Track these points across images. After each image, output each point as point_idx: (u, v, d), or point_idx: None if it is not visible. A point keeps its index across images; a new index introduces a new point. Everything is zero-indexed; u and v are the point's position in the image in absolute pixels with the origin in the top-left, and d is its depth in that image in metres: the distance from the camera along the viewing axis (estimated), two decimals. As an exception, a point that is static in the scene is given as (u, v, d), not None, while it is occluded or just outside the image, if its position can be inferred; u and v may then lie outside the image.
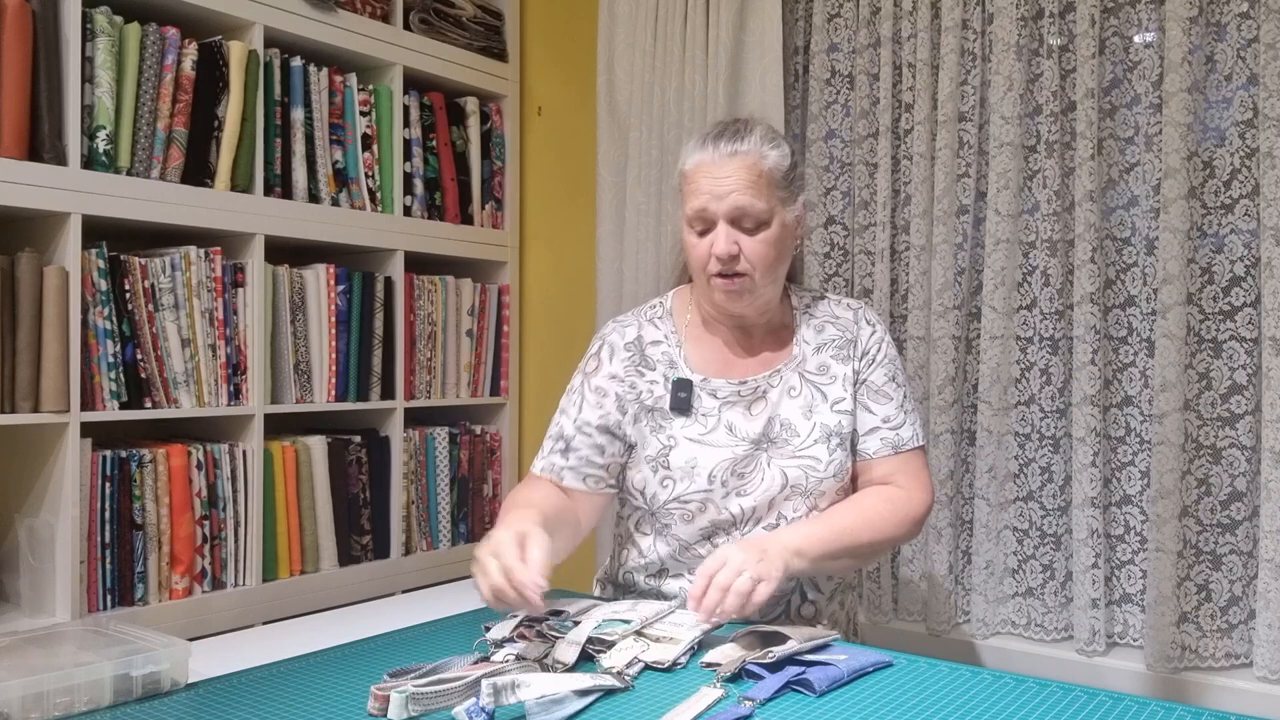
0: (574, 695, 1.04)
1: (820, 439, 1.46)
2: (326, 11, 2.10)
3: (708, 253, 1.44)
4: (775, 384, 1.50)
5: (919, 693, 1.10)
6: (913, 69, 2.01)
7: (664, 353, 1.53)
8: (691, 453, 1.46)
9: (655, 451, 1.48)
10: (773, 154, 1.45)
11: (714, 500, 1.45)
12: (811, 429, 1.47)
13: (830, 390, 1.50)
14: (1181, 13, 1.72)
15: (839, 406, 1.49)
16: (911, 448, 1.50)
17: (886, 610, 2.07)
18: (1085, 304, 1.82)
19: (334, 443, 2.14)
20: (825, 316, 1.55)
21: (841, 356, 1.52)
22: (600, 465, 1.50)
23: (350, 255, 2.24)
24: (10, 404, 1.66)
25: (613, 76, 2.28)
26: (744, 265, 1.43)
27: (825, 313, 1.56)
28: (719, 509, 1.45)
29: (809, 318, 1.55)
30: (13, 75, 1.64)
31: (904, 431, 1.50)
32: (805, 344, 1.53)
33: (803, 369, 1.51)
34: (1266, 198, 1.66)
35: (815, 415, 1.48)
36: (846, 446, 1.49)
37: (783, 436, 1.47)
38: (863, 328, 1.54)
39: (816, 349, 1.52)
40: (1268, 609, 1.65)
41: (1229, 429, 1.75)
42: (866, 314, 1.56)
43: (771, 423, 1.47)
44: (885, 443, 1.48)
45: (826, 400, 1.49)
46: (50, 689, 1.01)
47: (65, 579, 1.71)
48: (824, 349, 1.52)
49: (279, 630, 1.57)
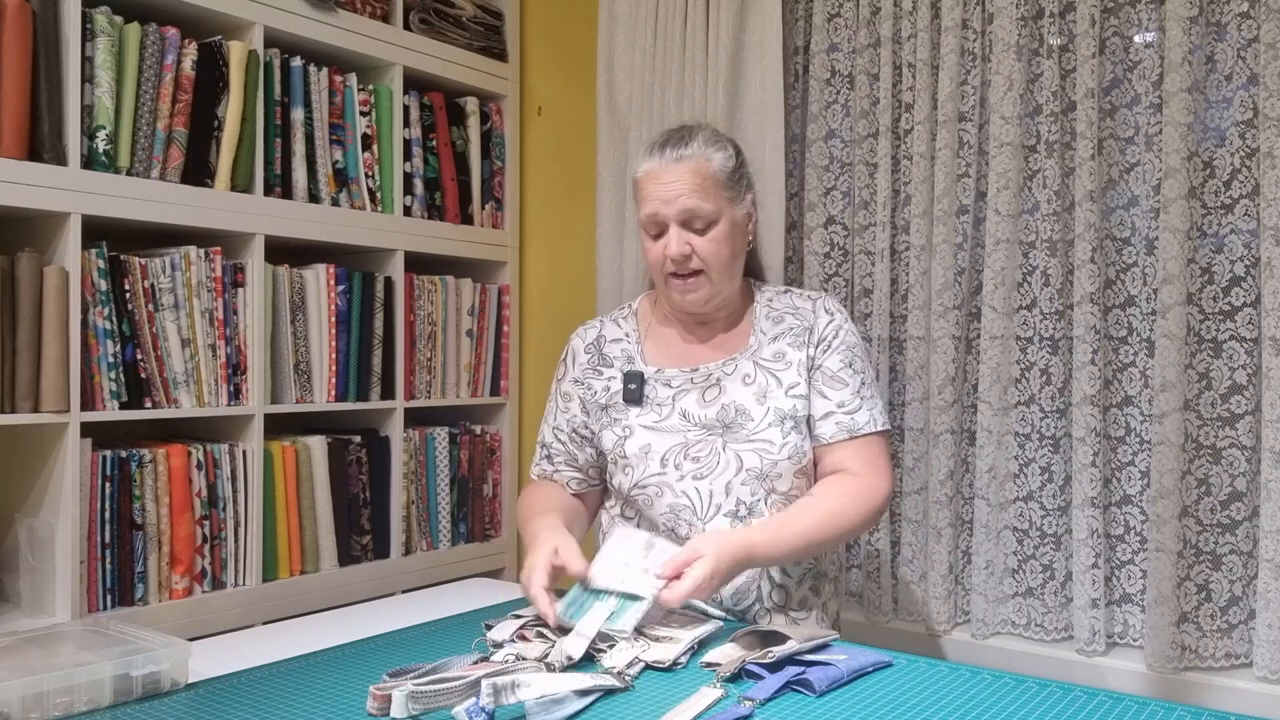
0: (574, 695, 1.04)
1: (774, 423, 1.51)
2: (326, 11, 2.10)
3: (662, 254, 1.52)
4: (729, 371, 1.56)
5: (919, 693, 1.11)
6: (913, 69, 2.01)
7: (623, 349, 1.62)
8: (645, 439, 1.53)
9: (612, 444, 1.56)
10: (717, 156, 1.53)
11: (669, 484, 1.51)
12: (765, 413, 1.52)
13: (784, 376, 1.55)
14: (1181, 13, 1.72)
15: (793, 391, 1.54)
16: (868, 433, 1.53)
17: (886, 610, 2.07)
18: (1085, 304, 1.82)
19: (334, 443, 2.14)
20: (785, 308, 1.62)
21: (797, 343, 1.57)
22: (578, 468, 1.61)
23: (350, 255, 2.24)
24: (10, 404, 1.66)
25: (613, 76, 2.28)
26: (697, 263, 1.51)
27: (786, 305, 1.62)
28: (675, 493, 1.51)
29: (769, 310, 1.62)
30: (13, 75, 1.64)
31: (859, 416, 1.53)
32: (762, 334, 1.59)
33: (757, 357, 1.57)
34: (1266, 198, 1.66)
35: (769, 400, 1.53)
36: (802, 430, 1.53)
37: (737, 422, 1.52)
38: (820, 316, 1.59)
39: (773, 338, 1.58)
40: (1268, 609, 1.65)
41: (1229, 429, 1.75)
42: (826, 303, 1.61)
43: (726, 409, 1.53)
44: (840, 427, 1.52)
45: (781, 385, 1.54)
46: (50, 689, 1.01)
47: (65, 579, 1.71)
48: (780, 338, 1.58)
49: (279, 630, 1.57)
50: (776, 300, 1.63)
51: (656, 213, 1.51)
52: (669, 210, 1.50)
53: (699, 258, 1.51)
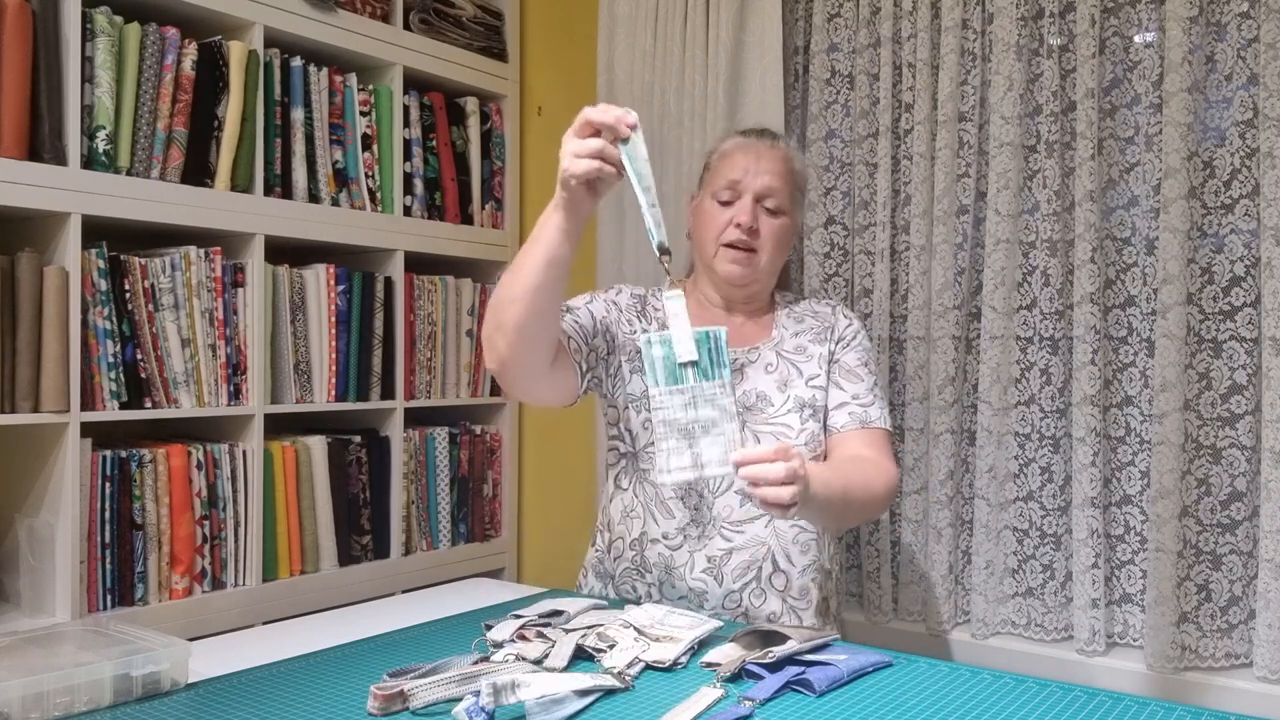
0: (574, 695, 1.04)
1: (794, 409, 1.56)
2: (326, 11, 2.10)
3: (727, 222, 1.57)
4: (753, 359, 1.60)
5: (919, 693, 1.11)
6: (913, 69, 2.01)
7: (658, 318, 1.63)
8: None
9: (640, 391, 1.56)
10: (799, 162, 1.66)
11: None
12: (785, 400, 1.56)
13: (806, 367, 1.60)
14: (1181, 13, 1.72)
15: (813, 382, 1.59)
16: (878, 427, 1.58)
17: (886, 610, 2.07)
18: (1085, 304, 1.82)
19: (334, 443, 2.14)
20: (805, 311, 1.68)
21: (818, 339, 1.63)
22: (586, 341, 1.56)
23: (350, 255, 2.24)
24: (10, 404, 1.66)
25: (613, 76, 2.28)
26: (756, 241, 1.57)
27: (806, 309, 1.69)
28: None
29: (790, 311, 1.68)
30: (13, 75, 1.64)
31: (872, 411, 1.59)
32: (784, 329, 1.64)
33: (780, 348, 1.62)
34: (1266, 198, 1.66)
35: (790, 389, 1.57)
36: (819, 420, 1.58)
37: (758, 406, 1.56)
38: (839, 319, 1.66)
39: (795, 334, 1.64)
40: (1268, 609, 1.65)
41: (1229, 429, 1.75)
42: (843, 310, 1.69)
43: (748, 394, 1.57)
44: (853, 417, 1.57)
45: (802, 376, 1.59)
46: (50, 689, 1.01)
47: (65, 579, 1.71)
48: (802, 334, 1.64)
49: (279, 630, 1.57)
50: (796, 305, 1.70)
51: (739, 180, 1.57)
52: (753, 181, 1.57)
53: (760, 236, 1.57)
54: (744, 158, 1.59)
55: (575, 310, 1.57)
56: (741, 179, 1.57)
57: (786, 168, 1.60)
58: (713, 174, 1.62)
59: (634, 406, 1.57)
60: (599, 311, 1.59)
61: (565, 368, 1.51)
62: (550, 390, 1.52)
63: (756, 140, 1.62)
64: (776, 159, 1.59)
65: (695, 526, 1.51)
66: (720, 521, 1.51)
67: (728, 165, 1.59)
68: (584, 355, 1.54)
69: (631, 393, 1.57)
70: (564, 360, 1.51)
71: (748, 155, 1.59)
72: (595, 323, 1.57)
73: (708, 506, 1.52)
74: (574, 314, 1.56)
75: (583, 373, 1.54)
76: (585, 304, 1.61)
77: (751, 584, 1.51)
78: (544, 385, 1.50)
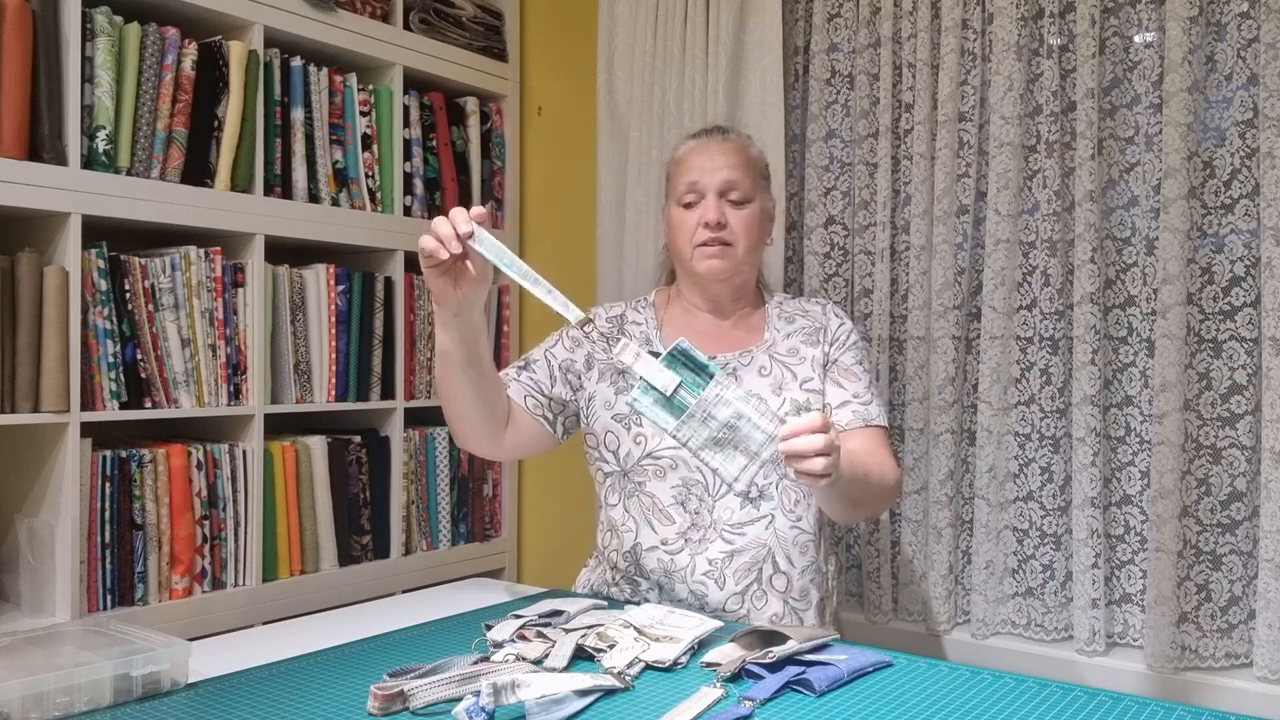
0: (574, 695, 1.04)
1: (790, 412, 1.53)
2: (326, 11, 2.10)
3: (695, 224, 1.58)
4: (746, 363, 1.60)
5: (919, 693, 1.11)
6: (913, 69, 2.01)
7: (641, 331, 1.65)
8: None
9: (627, 410, 1.56)
10: (755, 148, 1.68)
11: (684, 458, 1.53)
12: (781, 403, 1.55)
13: (799, 370, 1.60)
14: (1181, 13, 1.72)
15: (808, 385, 1.59)
16: (878, 425, 1.59)
17: (886, 610, 2.07)
18: (1085, 304, 1.82)
19: (334, 443, 2.14)
20: (795, 310, 1.68)
21: (811, 341, 1.63)
22: (545, 394, 1.58)
23: (350, 255, 2.24)
24: (10, 404, 1.66)
25: (613, 76, 2.28)
26: (729, 235, 1.58)
27: (795, 308, 1.69)
28: (689, 467, 1.53)
29: (781, 310, 1.68)
30: (13, 75, 1.64)
31: (872, 409, 1.59)
32: (776, 330, 1.64)
33: (773, 351, 1.62)
34: (1266, 198, 1.66)
35: (785, 392, 1.57)
36: None
37: None
38: (830, 319, 1.66)
39: (786, 335, 1.64)
40: (1268, 609, 1.65)
41: (1229, 429, 1.75)
42: (835, 309, 1.69)
43: None
44: (856, 415, 1.58)
45: (796, 379, 1.59)
46: (50, 689, 1.01)
47: (65, 579, 1.71)
48: (794, 335, 1.64)
49: (279, 630, 1.57)
50: (786, 304, 1.70)
51: (697, 180, 1.59)
52: (710, 179, 1.58)
53: (731, 229, 1.58)
54: (698, 158, 1.61)
55: (533, 364, 1.61)
56: (699, 179, 1.59)
57: (742, 157, 1.61)
58: (673, 182, 1.65)
59: (622, 424, 1.57)
60: (559, 356, 1.61)
61: (528, 426, 1.57)
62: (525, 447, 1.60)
63: (707, 139, 1.64)
64: (730, 151, 1.61)
65: (696, 530, 1.51)
66: (721, 525, 1.51)
67: (684, 169, 1.62)
68: (545, 407, 1.58)
69: (621, 412, 1.57)
70: (524, 420, 1.56)
71: (701, 155, 1.61)
72: (552, 371, 1.60)
73: (708, 510, 1.52)
74: (530, 369, 1.60)
75: (551, 421, 1.59)
76: (545, 352, 1.62)
77: (752, 586, 1.51)
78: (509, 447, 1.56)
